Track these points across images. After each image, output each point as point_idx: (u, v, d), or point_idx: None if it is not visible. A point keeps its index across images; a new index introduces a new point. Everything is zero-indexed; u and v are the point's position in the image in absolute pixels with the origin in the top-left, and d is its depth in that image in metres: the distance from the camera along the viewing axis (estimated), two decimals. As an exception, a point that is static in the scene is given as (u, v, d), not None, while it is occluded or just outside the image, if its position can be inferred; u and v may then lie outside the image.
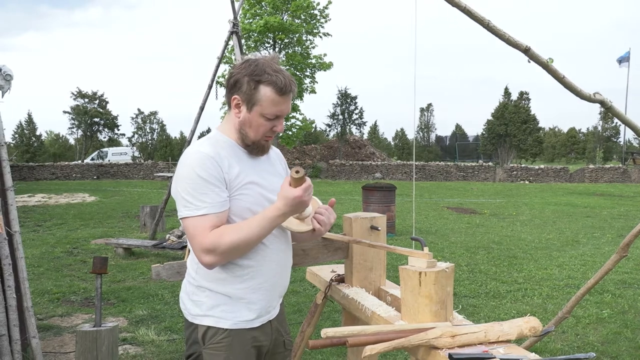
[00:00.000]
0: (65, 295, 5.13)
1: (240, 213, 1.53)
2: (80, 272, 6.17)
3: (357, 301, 1.93)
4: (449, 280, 1.57)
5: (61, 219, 10.75)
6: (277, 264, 1.61)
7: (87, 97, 34.80)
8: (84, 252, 7.34)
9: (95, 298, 3.32)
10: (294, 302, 4.85)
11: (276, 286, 1.63)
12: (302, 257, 2.08)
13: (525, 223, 10.82)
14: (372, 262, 2.13)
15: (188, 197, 1.47)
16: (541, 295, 5.28)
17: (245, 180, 1.54)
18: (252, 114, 1.54)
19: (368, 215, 2.13)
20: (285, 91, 1.52)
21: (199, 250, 1.46)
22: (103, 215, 11.51)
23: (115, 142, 36.07)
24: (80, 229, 9.46)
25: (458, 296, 5.15)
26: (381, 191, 9.06)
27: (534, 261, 6.94)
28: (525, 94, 37.38)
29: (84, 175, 25.48)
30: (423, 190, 19.38)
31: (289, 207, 1.48)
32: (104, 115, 34.76)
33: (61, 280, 5.72)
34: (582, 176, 25.14)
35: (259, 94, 1.51)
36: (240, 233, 1.46)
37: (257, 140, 1.58)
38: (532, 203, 15.16)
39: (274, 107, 1.52)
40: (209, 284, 1.56)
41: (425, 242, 1.74)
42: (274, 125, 1.56)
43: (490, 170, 25.97)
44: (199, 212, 1.45)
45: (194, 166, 1.47)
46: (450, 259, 6.97)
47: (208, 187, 1.46)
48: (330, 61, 25.13)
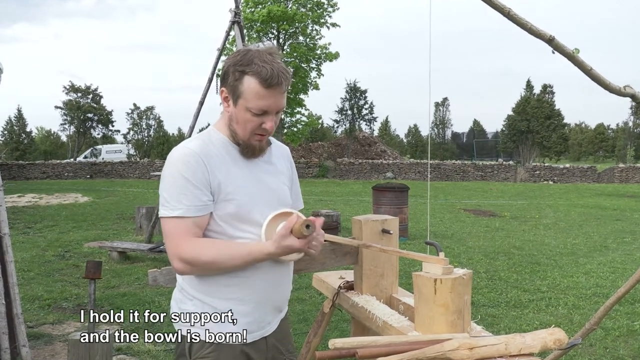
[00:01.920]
0: (56, 302, 5.17)
1: (226, 219, 1.52)
2: (72, 277, 6.21)
3: (367, 310, 1.93)
4: (466, 288, 1.56)
5: (52, 221, 10.84)
6: (270, 275, 1.58)
7: (80, 91, 35.08)
8: (77, 256, 7.39)
9: (88, 305, 3.34)
10: (299, 310, 4.85)
11: (270, 300, 1.60)
12: (308, 263, 2.08)
13: (549, 227, 10.75)
14: (384, 268, 2.12)
15: (166, 195, 1.49)
16: (567, 305, 5.25)
17: (234, 183, 1.52)
18: (238, 107, 1.52)
19: (379, 218, 2.13)
20: (272, 83, 1.47)
21: (173, 254, 1.48)
22: (97, 216, 11.58)
23: (109, 139, 36.32)
24: (72, 231, 9.52)
25: (476, 305, 5.12)
26: (393, 192, 9.04)
27: (558, 268, 6.90)
28: (548, 87, 37.13)
29: (77, 174, 25.69)
30: (438, 191, 19.32)
31: (280, 252, 1.47)
32: (98, 110, 35.02)
33: (52, 286, 5.76)
34: (611, 176, 24.93)
35: (242, 85, 1.49)
36: (220, 257, 1.48)
37: (246, 140, 1.54)
38: (557, 205, 15.07)
39: (259, 100, 1.48)
40: (196, 292, 1.56)
41: (441, 246, 1.73)
42: (262, 121, 1.52)
43: (510, 169, 25.83)
44: (174, 213, 1.47)
45: (177, 164, 1.49)
46: (467, 265, 6.94)
47: (187, 188, 1.46)
48: (336, 51, 25.15)
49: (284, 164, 1.73)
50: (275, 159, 1.69)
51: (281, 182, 1.67)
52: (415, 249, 7.67)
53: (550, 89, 37.22)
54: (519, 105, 35.86)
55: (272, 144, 1.71)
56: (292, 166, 1.78)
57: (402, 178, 25.47)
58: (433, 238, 9.27)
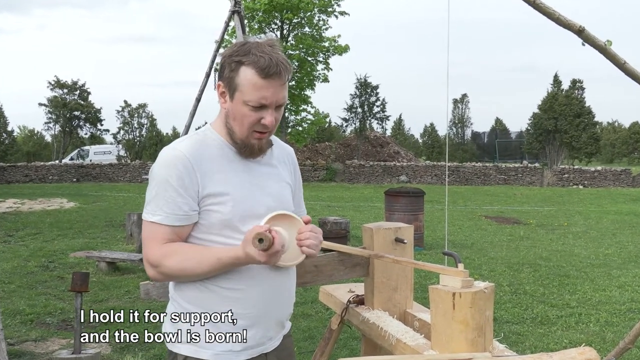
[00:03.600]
0: (39, 317, 5.20)
1: (217, 227, 1.53)
2: (57, 289, 6.24)
3: (379, 326, 1.93)
4: (488, 303, 1.56)
5: (36, 228, 10.91)
6: (270, 286, 1.59)
7: (67, 87, 35.30)
8: (62, 267, 7.43)
9: (74, 320, 3.36)
10: (304, 327, 4.85)
11: (271, 314, 1.61)
12: (314, 275, 2.08)
13: (579, 235, 10.71)
14: (397, 280, 2.12)
15: (149, 197, 1.54)
16: (598, 321, 5.23)
17: (228, 187, 1.54)
18: (235, 102, 1.54)
19: (392, 226, 2.13)
20: (270, 72, 1.48)
21: (145, 260, 1.53)
22: (84, 224, 11.64)
23: (98, 139, 36.52)
24: (57, 240, 9.58)
25: (499, 322, 5.11)
26: (407, 197, 9.03)
27: (589, 281, 6.87)
28: (578, 83, 36.98)
29: (62, 177, 25.84)
30: (457, 196, 19.28)
31: (244, 260, 1.48)
32: (86, 108, 35.23)
33: (35, 299, 5.79)
34: (647, 180, 24.76)
35: (239, 77, 1.51)
36: (186, 263, 1.50)
37: (244, 138, 1.55)
38: (587, 212, 15.00)
39: (256, 92, 1.50)
40: (188, 304, 1.56)
41: (460, 257, 1.73)
42: (261, 116, 1.52)
43: (536, 172, 25.74)
44: (152, 218, 1.51)
45: (163, 166, 1.52)
46: (489, 277, 6.93)
47: (169, 194, 1.50)
48: (346, 44, 25.18)
49: (287, 166, 1.73)
50: (277, 162, 1.69)
51: (283, 187, 1.67)
52: (432, 260, 7.65)
53: (579, 85, 37.07)
54: (546, 102, 35.72)
55: (274, 145, 1.71)
56: (296, 169, 1.78)
57: (418, 182, 25.42)
58: (451, 248, 9.25)
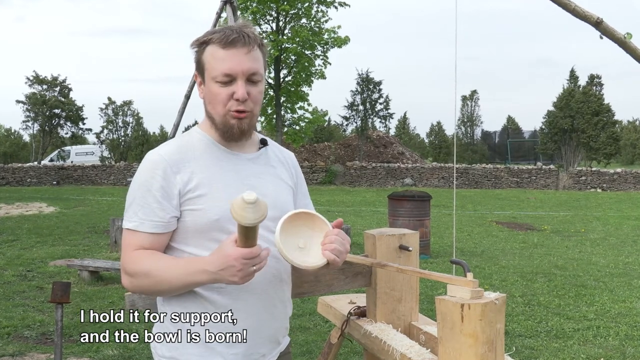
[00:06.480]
0: (17, 330, 5.20)
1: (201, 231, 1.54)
2: (36, 300, 6.24)
3: (382, 340, 1.93)
4: (499, 315, 1.56)
5: (13, 235, 10.90)
6: (261, 297, 1.59)
7: (46, 82, 35.30)
8: (41, 276, 7.42)
9: (55, 333, 3.36)
10: (302, 340, 4.86)
11: (262, 328, 1.60)
12: (313, 285, 2.09)
13: (598, 242, 10.72)
14: (401, 291, 2.13)
15: (127, 203, 1.58)
16: (618, 335, 5.23)
17: (212, 189, 1.54)
18: (206, 84, 1.59)
19: (396, 232, 2.13)
20: (229, 41, 1.53)
21: (121, 266, 1.57)
22: (64, 230, 11.64)
23: (79, 139, 36.50)
24: (36, 247, 9.58)
25: (511, 335, 5.12)
26: (412, 201, 9.04)
27: (608, 291, 6.88)
28: (596, 78, 37.10)
29: (41, 180, 25.84)
30: (466, 200, 19.29)
31: (218, 267, 1.41)
32: (67, 105, 35.23)
33: (12, 311, 5.79)
34: (670, 183, 24.79)
35: (205, 56, 1.58)
36: (150, 279, 1.51)
37: (222, 119, 1.57)
38: (606, 217, 15.02)
39: (221, 63, 1.54)
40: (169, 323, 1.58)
41: (469, 266, 1.73)
42: (232, 91, 1.55)
43: (551, 175, 25.76)
44: (128, 225, 1.55)
45: (141, 171, 1.57)
46: (500, 287, 6.94)
47: (147, 201, 1.53)
48: (346, 35, 25.21)
49: (288, 168, 1.74)
50: (275, 162, 1.71)
51: (280, 188, 1.68)
52: (439, 269, 7.65)
53: (598, 80, 37.18)
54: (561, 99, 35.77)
55: (273, 146, 1.73)
56: (298, 173, 1.79)
57: (423, 185, 25.44)
58: (460, 256, 9.24)
